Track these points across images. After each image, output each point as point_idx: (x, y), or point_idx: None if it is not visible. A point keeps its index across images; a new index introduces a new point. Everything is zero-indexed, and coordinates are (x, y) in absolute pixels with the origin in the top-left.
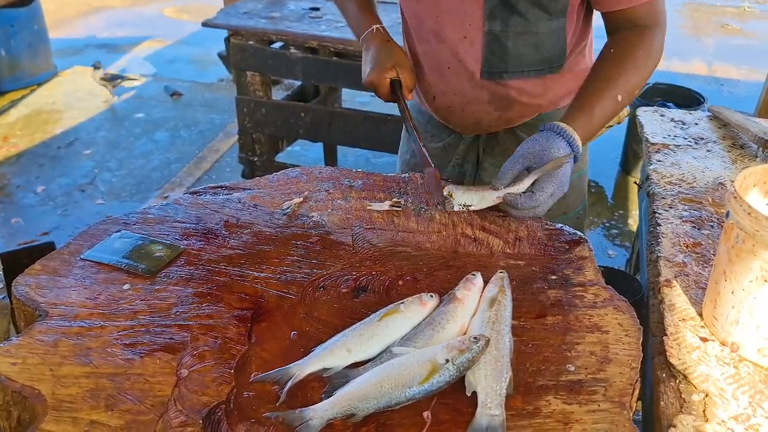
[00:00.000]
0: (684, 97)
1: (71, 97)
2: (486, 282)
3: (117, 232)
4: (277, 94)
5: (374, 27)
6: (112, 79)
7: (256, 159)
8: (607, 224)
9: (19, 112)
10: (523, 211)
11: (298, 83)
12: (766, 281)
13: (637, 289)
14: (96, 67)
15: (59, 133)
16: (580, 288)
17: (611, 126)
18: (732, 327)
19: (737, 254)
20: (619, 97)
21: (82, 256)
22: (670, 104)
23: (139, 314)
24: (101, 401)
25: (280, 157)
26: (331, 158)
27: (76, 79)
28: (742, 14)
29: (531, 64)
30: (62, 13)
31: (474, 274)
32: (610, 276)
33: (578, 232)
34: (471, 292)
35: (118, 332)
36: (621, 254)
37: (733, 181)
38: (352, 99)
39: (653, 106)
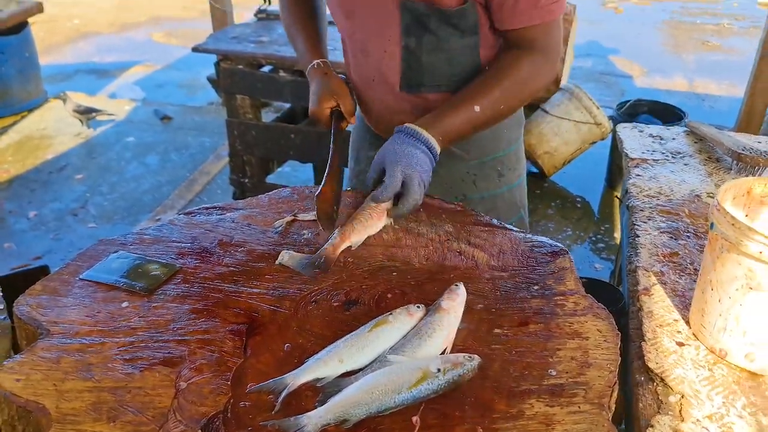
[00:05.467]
0: (666, 113)
1: (62, 123)
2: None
3: (114, 252)
4: (267, 116)
5: (314, 62)
6: (85, 112)
7: (247, 180)
8: (593, 238)
9: (10, 139)
10: (401, 207)
11: (287, 105)
12: (750, 288)
13: (618, 298)
14: (62, 98)
15: (50, 158)
16: (561, 297)
17: (594, 142)
18: (720, 334)
19: (722, 264)
20: (477, 108)
21: (81, 277)
22: (654, 119)
23: (138, 330)
24: (103, 414)
25: (271, 179)
26: (321, 178)
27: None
28: (722, 31)
29: (445, 79)
30: (52, 39)
31: (457, 285)
32: (593, 287)
33: (559, 245)
34: (455, 302)
35: (118, 348)
36: (607, 267)
37: (711, 195)
38: None
39: (633, 122)
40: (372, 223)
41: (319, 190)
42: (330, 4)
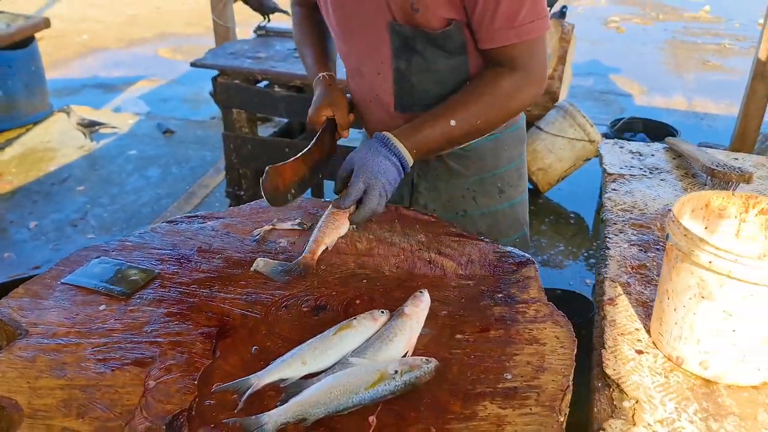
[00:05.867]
0: (660, 131)
1: (66, 136)
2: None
3: (96, 258)
4: (267, 131)
5: (320, 75)
6: (89, 126)
7: (242, 194)
8: (586, 254)
9: (15, 151)
10: (357, 214)
11: (285, 121)
12: (702, 298)
13: (590, 308)
14: (66, 112)
15: (53, 170)
16: (523, 305)
17: (588, 159)
18: (676, 342)
19: (677, 273)
20: (452, 122)
21: (62, 281)
22: (648, 137)
23: (113, 332)
24: (73, 410)
25: None
26: (318, 191)
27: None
28: (723, 51)
29: (436, 99)
30: (60, 54)
31: (421, 292)
32: (568, 298)
33: (526, 255)
34: (418, 308)
35: (93, 348)
36: None
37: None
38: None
39: (616, 138)
40: (339, 224)
41: (277, 165)
42: (330, 26)
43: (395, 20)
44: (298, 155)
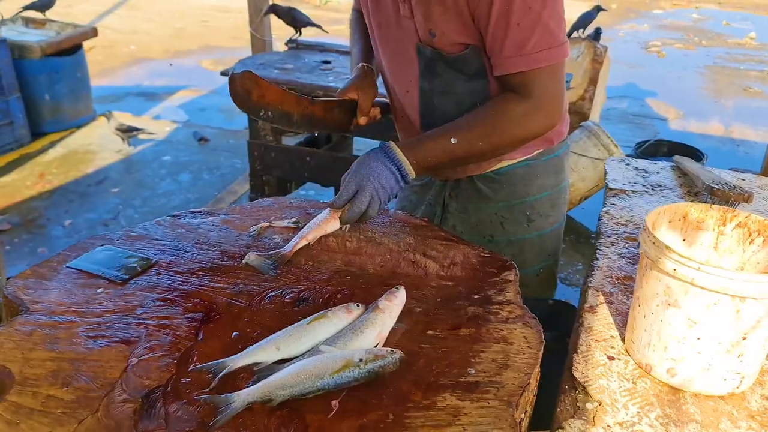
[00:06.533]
0: (687, 154)
1: (106, 140)
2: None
3: (102, 245)
4: (295, 140)
5: (360, 64)
6: (127, 131)
7: None
8: None
9: (57, 152)
10: (346, 215)
11: None
12: (669, 305)
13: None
14: (107, 117)
15: (91, 172)
16: (497, 306)
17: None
18: (645, 349)
19: (646, 281)
20: (453, 140)
21: (67, 265)
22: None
23: (107, 313)
24: (59, 380)
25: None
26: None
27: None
28: (765, 78)
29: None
30: (109, 63)
31: (397, 288)
32: (559, 307)
33: (509, 260)
34: (392, 303)
35: (86, 326)
36: None
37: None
38: (366, 147)
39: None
40: (326, 223)
41: (260, 77)
42: (372, 43)
43: (421, 42)
44: (296, 93)
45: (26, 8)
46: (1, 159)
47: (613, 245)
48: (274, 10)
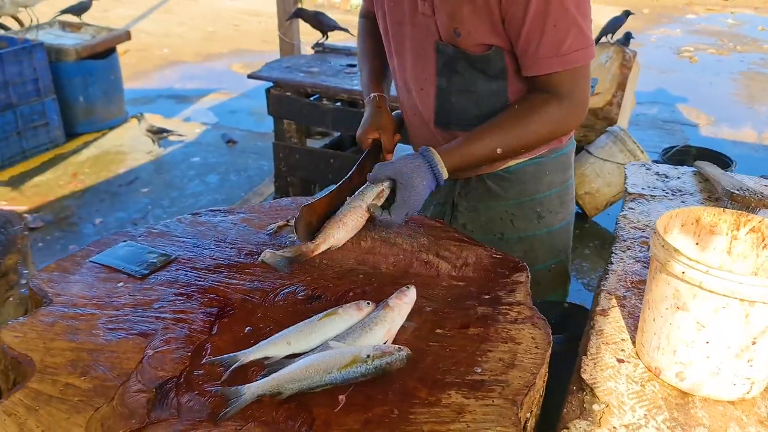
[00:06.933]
0: (714, 160)
1: (137, 141)
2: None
3: (124, 242)
4: (320, 142)
5: (372, 95)
6: (158, 132)
7: None
8: None
9: (90, 153)
10: (395, 212)
11: (338, 134)
12: (678, 308)
13: None
14: (138, 118)
15: (122, 173)
16: (506, 307)
17: None
18: (654, 352)
19: (656, 284)
20: (499, 150)
21: (90, 259)
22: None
23: (126, 306)
24: (78, 369)
25: None
26: None
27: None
28: None
29: (474, 120)
30: (142, 66)
31: (408, 287)
32: (573, 310)
33: (520, 262)
34: (402, 302)
35: (106, 318)
36: None
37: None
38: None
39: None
40: (355, 225)
41: (310, 202)
42: (384, 41)
43: (441, 40)
44: (335, 189)
45: (63, 12)
46: (37, 159)
47: (629, 249)
48: (300, 13)
